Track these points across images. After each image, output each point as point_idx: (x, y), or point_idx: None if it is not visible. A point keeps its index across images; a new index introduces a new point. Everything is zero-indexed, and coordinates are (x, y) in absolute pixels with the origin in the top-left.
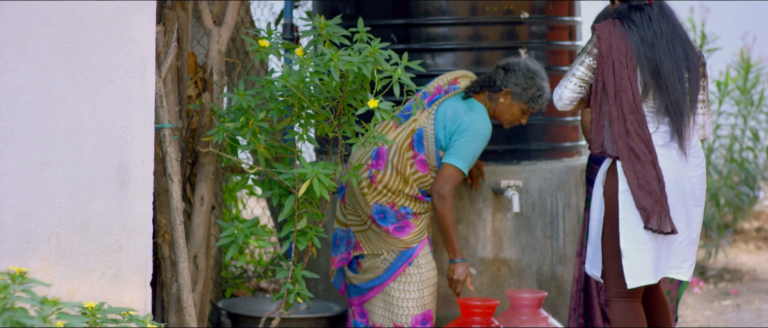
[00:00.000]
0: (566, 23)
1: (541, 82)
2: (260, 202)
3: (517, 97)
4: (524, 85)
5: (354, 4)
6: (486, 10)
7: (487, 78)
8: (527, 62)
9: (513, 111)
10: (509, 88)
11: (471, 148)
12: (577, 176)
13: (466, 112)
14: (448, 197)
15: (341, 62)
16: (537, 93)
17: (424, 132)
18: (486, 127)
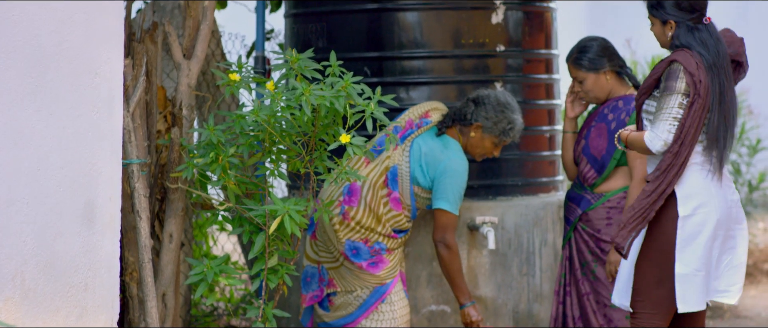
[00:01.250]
0: (543, 56)
1: (512, 114)
2: (231, 238)
3: (489, 131)
4: (495, 118)
5: (327, 36)
6: (461, 43)
7: (458, 112)
8: (498, 95)
9: (485, 144)
10: (480, 122)
11: (455, 188)
12: (554, 212)
13: (442, 151)
14: (453, 245)
15: (313, 97)
16: (508, 126)
17: (399, 170)
18: (463, 164)
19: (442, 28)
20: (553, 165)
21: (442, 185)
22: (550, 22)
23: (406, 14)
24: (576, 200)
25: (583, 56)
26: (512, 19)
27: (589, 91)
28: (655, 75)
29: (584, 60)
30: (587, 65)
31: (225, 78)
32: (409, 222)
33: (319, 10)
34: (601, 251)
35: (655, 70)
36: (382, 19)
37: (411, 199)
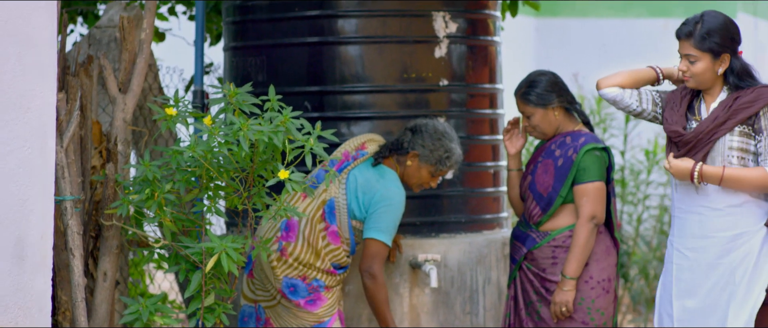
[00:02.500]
0: (487, 91)
1: (449, 143)
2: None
3: (425, 160)
4: (431, 146)
5: (267, 70)
6: (404, 77)
7: (395, 141)
8: (435, 124)
9: (421, 174)
10: (416, 151)
11: (389, 218)
12: (498, 250)
13: (378, 181)
14: (378, 276)
15: (251, 132)
16: (444, 155)
17: (336, 202)
18: (400, 194)
19: (384, 62)
20: (498, 202)
21: (375, 214)
22: (495, 56)
23: (348, 48)
24: (521, 239)
25: (531, 91)
26: (456, 53)
27: (537, 126)
28: (745, 112)
29: (532, 95)
30: (535, 100)
31: (161, 113)
32: (348, 257)
33: (259, 43)
34: (546, 291)
35: (740, 106)
36: (323, 52)
37: (349, 233)
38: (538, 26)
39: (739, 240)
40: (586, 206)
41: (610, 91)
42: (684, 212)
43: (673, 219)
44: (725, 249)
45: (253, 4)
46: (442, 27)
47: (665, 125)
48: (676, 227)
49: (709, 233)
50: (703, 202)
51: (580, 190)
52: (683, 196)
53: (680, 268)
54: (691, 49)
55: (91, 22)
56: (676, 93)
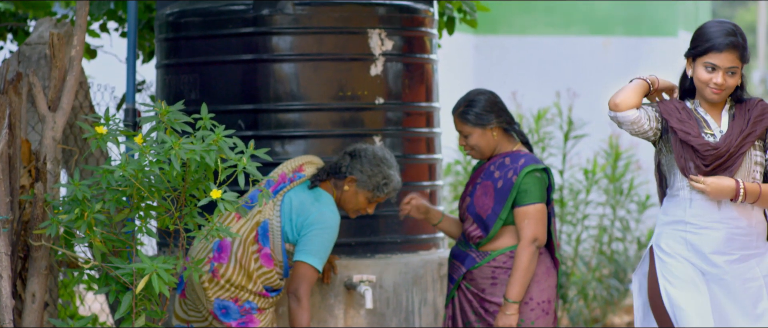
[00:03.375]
0: (423, 109)
1: (388, 170)
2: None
3: (363, 185)
4: (370, 172)
5: (200, 88)
6: (339, 95)
7: (333, 165)
8: (375, 149)
9: (358, 199)
10: (354, 176)
11: (321, 241)
12: (434, 270)
13: (313, 203)
14: (304, 299)
15: (183, 151)
16: (382, 181)
17: (270, 225)
18: (334, 218)
19: (319, 80)
20: None
21: (308, 237)
22: (431, 74)
23: (283, 65)
24: (460, 258)
25: (469, 110)
26: (392, 71)
27: (475, 146)
28: (762, 125)
29: (471, 114)
30: (474, 120)
31: (92, 131)
32: (281, 280)
33: (192, 60)
34: (485, 311)
35: (756, 119)
36: (257, 70)
37: (283, 255)
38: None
39: (759, 258)
40: (527, 229)
41: (631, 113)
42: (700, 228)
43: (681, 235)
44: (752, 266)
45: (187, 21)
46: (378, 45)
47: (687, 138)
48: (689, 244)
49: (735, 249)
50: (723, 218)
51: (521, 212)
52: (701, 211)
53: (712, 283)
54: (737, 61)
55: (21, 38)
56: (671, 105)
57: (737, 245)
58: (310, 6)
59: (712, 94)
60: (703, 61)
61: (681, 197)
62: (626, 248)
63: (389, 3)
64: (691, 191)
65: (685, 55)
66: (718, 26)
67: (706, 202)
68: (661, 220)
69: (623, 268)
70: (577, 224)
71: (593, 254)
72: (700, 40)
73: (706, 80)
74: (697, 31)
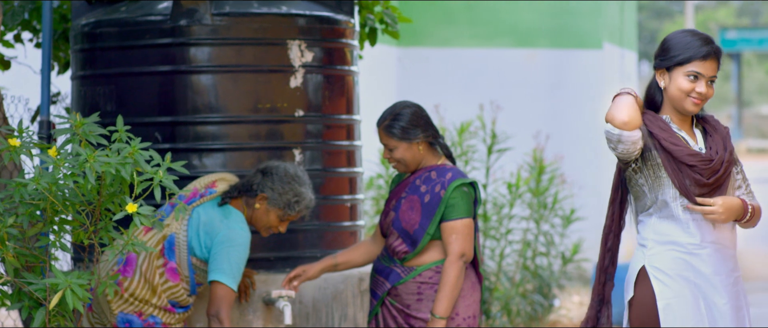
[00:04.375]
0: (344, 122)
1: (300, 187)
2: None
3: (274, 203)
4: (281, 190)
5: (116, 100)
6: (258, 107)
7: (245, 182)
8: (287, 166)
9: (269, 218)
10: (265, 193)
11: (233, 259)
12: (354, 286)
13: (222, 221)
14: (226, 321)
15: (98, 164)
16: (293, 199)
17: (176, 239)
18: (244, 235)
19: (238, 92)
20: (355, 236)
21: (219, 256)
22: (352, 86)
23: (201, 77)
24: (384, 273)
25: (395, 124)
26: (312, 82)
27: (400, 159)
28: (730, 141)
29: (396, 128)
30: (399, 134)
31: (5, 144)
32: (189, 296)
33: (108, 72)
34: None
35: (726, 134)
36: (175, 82)
37: (189, 271)
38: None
39: (740, 279)
40: (455, 244)
41: (636, 132)
42: (700, 249)
43: (681, 257)
44: (739, 291)
45: (103, 31)
46: (298, 56)
47: (682, 156)
48: (690, 265)
49: (729, 271)
50: (719, 238)
51: (448, 227)
52: (700, 232)
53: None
54: (716, 70)
55: None
56: (655, 121)
57: (730, 265)
58: (228, 17)
59: (692, 106)
60: (685, 70)
61: (676, 217)
62: (551, 262)
63: (309, 14)
64: (684, 208)
65: (659, 66)
66: (694, 35)
67: (704, 222)
68: (650, 240)
69: (547, 283)
70: (500, 238)
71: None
72: (678, 48)
73: (688, 90)
74: (670, 41)
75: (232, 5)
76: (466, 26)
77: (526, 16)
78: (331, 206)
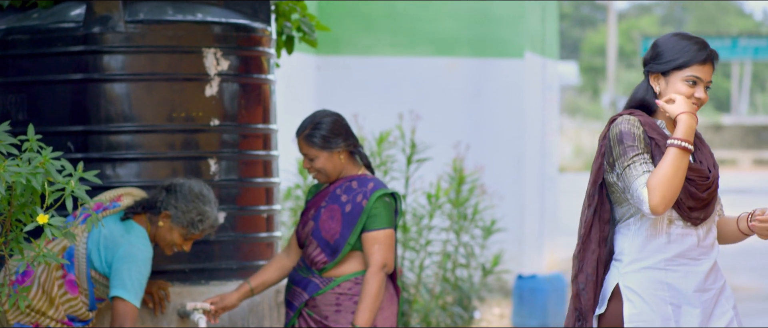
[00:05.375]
0: (260, 131)
1: (204, 206)
2: None
3: (177, 221)
4: (184, 208)
5: (27, 108)
6: (173, 116)
7: (149, 199)
8: (192, 184)
9: (173, 236)
10: (168, 211)
11: (134, 275)
12: (271, 298)
13: (123, 235)
14: None
15: (8, 173)
16: (197, 218)
17: (76, 251)
18: (145, 251)
19: (152, 101)
20: (271, 247)
21: (120, 272)
22: (269, 95)
23: (114, 86)
24: (302, 284)
25: (315, 133)
26: (228, 91)
27: (321, 169)
28: None
29: (317, 137)
30: (320, 143)
31: None
32: (88, 311)
33: (20, 80)
34: None
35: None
36: (87, 90)
37: (88, 284)
38: (319, 64)
39: (726, 287)
40: (377, 254)
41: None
42: (680, 265)
43: (657, 275)
44: (723, 302)
45: (14, 38)
46: (214, 64)
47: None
48: (666, 283)
49: (712, 284)
50: (705, 251)
51: (370, 237)
52: (681, 245)
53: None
54: (712, 75)
55: None
56: (648, 121)
57: (714, 276)
58: (142, 24)
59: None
60: (684, 75)
61: (658, 229)
62: (471, 274)
63: (225, 21)
64: (671, 222)
65: (654, 70)
66: (689, 38)
67: (687, 231)
68: (627, 255)
69: (467, 295)
70: (420, 249)
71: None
72: (675, 52)
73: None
74: (664, 45)
75: (147, 12)
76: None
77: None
78: (248, 217)
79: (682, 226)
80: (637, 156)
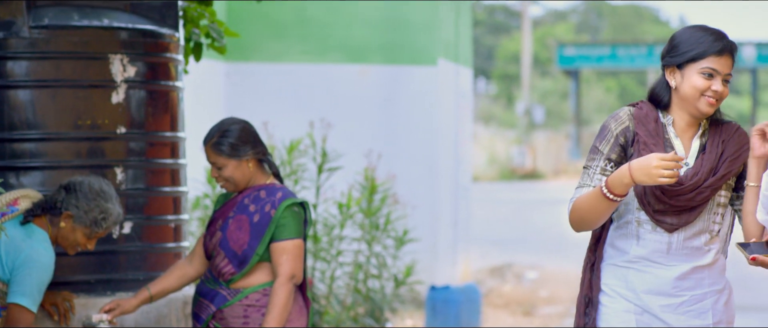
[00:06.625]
0: (168, 139)
1: (105, 203)
2: None
3: (79, 221)
4: (86, 207)
5: None
6: (78, 124)
7: (49, 200)
8: (91, 181)
9: (76, 236)
10: (70, 211)
11: (34, 281)
12: (178, 309)
13: (24, 240)
14: None
15: None
16: (100, 216)
17: None
18: (48, 255)
19: (57, 108)
20: (179, 257)
21: (20, 277)
22: (177, 102)
23: (18, 92)
24: (209, 296)
25: (223, 141)
26: (135, 98)
27: (229, 178)
28: (737, 163)
29: (225, 145)
30: (228, 151)
31: None
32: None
33: None
34: None
35: (731, 156)
36: None
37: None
38: (228, 71)
39: (715, 299)
40: (285, 265)
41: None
42: (646, 266)
43: (623, 272)
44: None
45: None
46: (120, 71)
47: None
48: (628, 281)
49: (684, 290)
50: (677, 256)
51: (278, 248)
52: (648, 248)
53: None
54: (731, 67)
55: None
56: (647, 113)
57: (689, 284)
58: (47, 29)
59: (707, 106)
60: (700, 66)
61: (629, 229)
62: (383, 285)
63: (132, 27)
64: (639, 224)
65: (669, 63)
66: (705, 30)
67: (656, 236)
68: (609, 257)
69: (379, 306)
70: (331, 260)
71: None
72: (690, 44)
73: (704, 88)
74: (680, 37)
75: (52, 17)
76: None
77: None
78: (155, 227)
79: (651, 229)
80: (592, 162)
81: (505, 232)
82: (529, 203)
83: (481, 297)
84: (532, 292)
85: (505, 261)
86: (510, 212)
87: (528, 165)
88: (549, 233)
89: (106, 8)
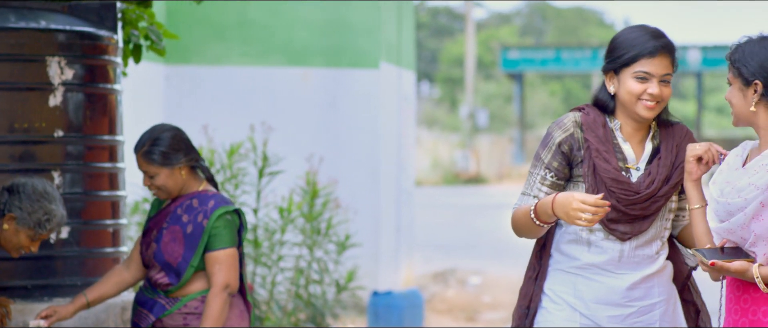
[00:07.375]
0: (106, 143)
1: (49, 205)
2: None
3: (23, 223)
4: (30, 208)
5: None
6: (15, 127)
7: None
8: (34, 183)
9: (19, 238)
10: (13, 213)
11: None
12: (117, 315)
13: None
14: None
15: None
16: (44, 217)
17: None
18: None
19: None
20: (117, 263)
21: None
22: (115, 105)
23: None
24: (148, 305)
25: (154, 149)
26: (72, 101)
27: (162, 186)
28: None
29: (156, 154)
30: (160, 160)
31: None
32: None
33: None
34: None
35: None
36: None
37: None
38: (168, 74)
39: (663, 309)
40: (219, 275)
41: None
42: (597, 274)
43: (572, 279)
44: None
45: None
46: (58, 73)
47: (604, 172)
48: (577, 289)
49: (633, 301)
50: (628, 264)
51: (212, 258)
52: (600, 256)
53: None
54: (670, 67)
55: None
56: (594, 119)
57: (638, 294)
58: None
59: (646, 111)
60: (633, 71)
61: (580, 235)
62: (325, 290)
63: (69, 29)
64: (591, 231)
65: (606, 69)
66: (641, 30)
67: (608, 244)
68: (555, 262)
69: (321, 312)
70: (272, 265)
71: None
72: (624, 47)
73: (639, 92)
74: (617, 41)
75: None
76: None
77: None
78: (93, 232)
79: (603, 237)
80: (534, 169)
81: (448, 237)
82: (472, 208)
83: (424, 303)
84: (475, 297)
85: (448, 266)
86: (453, 217)
87: (472, 169)
88: (492, 237)
89: (44, 10)
